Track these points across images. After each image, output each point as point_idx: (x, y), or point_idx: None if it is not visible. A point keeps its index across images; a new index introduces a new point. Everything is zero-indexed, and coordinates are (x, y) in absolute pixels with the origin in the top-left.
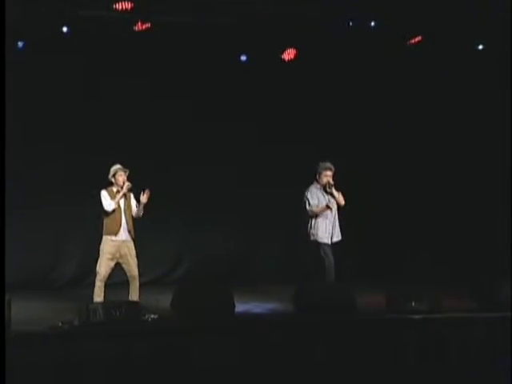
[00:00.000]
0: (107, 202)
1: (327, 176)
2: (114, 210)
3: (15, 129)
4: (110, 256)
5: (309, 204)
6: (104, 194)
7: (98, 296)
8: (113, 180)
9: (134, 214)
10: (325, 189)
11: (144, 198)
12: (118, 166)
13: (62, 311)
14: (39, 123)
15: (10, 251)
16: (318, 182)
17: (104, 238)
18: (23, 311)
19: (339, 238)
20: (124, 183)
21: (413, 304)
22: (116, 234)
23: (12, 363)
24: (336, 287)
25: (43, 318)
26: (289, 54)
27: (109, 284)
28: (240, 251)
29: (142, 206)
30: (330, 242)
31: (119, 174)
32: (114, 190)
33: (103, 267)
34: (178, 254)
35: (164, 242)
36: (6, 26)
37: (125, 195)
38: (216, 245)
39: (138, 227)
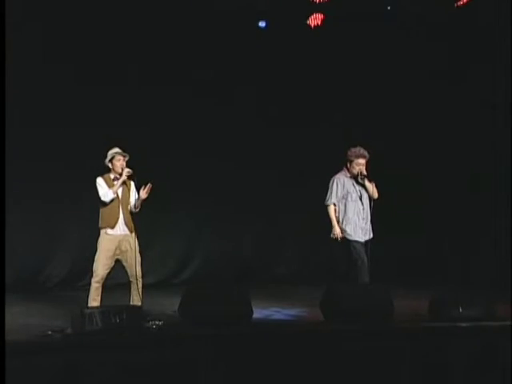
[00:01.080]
0: (104, 190)
1: (360, 165)
2: (111, 200)
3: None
4: (108, 253)
5: (330, 195)
6: (100, 181)
7: (95, 300)
8: (110, 165)
9: (130, 207)
10: (356, 179)
11: (144, 193)
12: (115, 150)
13: (52, 317)
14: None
15: None
16: (348, 170)
17: (101, 232)
18: (7, 317)
19: (371, 235)
20: (123, 170)
21: (460, 310)
22: (113, 227)
23: None
24: (370, 291)
25: (30, 325)
26: (315, 20)
27: (107, 286)
28: (258, 249)
29: (139, 201)
30: (362, 240)
31: (117, 159)
32: (112, 176)
33: (101, 265)
34: (187, 251)
35: (171, 239)
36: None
37: (124, 183)
38: (230, 242)
39: (141, 221)
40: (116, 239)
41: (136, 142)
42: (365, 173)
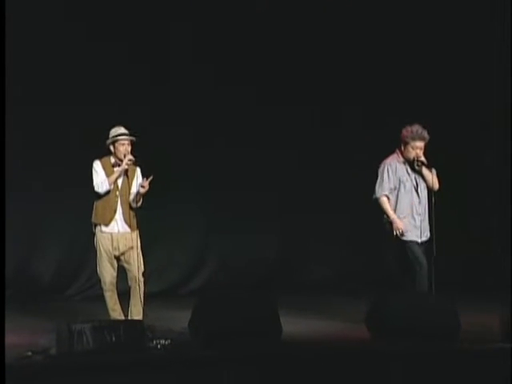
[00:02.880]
0: (99, 178)
1: (417, 148)
2: (107, 192)
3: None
4: (107, 254)
5: (381, 184)
6: (97, 166)
7: (114, 310)
8: (111, 148)
9: (131, 200)
10: (412, 165)
11: (143, 188)
12: (120, 130)
13: (33, 334)
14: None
15: None
16: (401, 153)
17: (96, 229)
18: None
19: (429, 235)
20: (125, 156)
21: None
22: (107, 223)
23: None
24: (430, 302)
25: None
26: None
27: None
28: (285, 252)
29: (139, 196)
30: (418, 240)
31: (120, 142)
32: (112, 161)
33: (104, 270)
34: (199, 254)
35: (179, 238)
36: None
37: (126, 172)
38: (251, 242)
39: (145, 220)
40: (112, 238)
41: (140, 123)
42: (423, 158)
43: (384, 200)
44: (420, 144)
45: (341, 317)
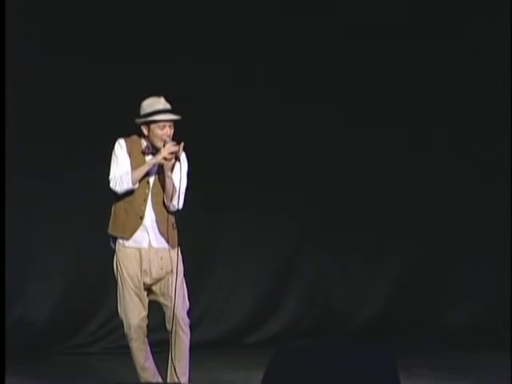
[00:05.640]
0: (120, 169)
1: None
2: (132, 190)
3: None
4: (132, 282)
5: None
6: (119, 150)
7: (145, 369)
8: (144, 130)
9: (169, 203)
10: None
11: (166, 160)
12: (160, 106)
13: None
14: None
15: None
16: None
17: (116, 244)
18: None
19: None
20: (165, 144)
21: None
22: (131, 234)
23: None
24: None
25: None
26: None
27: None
28: (409, 285)
29: (173, 188)
30: None
31: (160, 125)
32: (144, 145)
33: (129, 307)
34: (272, 287)
35: (244, 262)
36: None
37: (161, 166)
38: (356, 272)
39: (192, 231)
40: (141, 256)
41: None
42: None
43: None
44: None
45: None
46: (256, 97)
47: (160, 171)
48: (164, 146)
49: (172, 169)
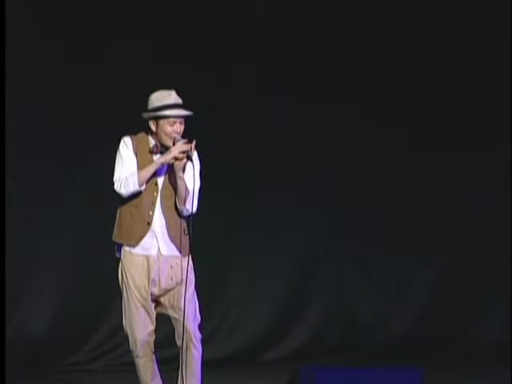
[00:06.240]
0: (125, 170)
1: None
2: (139, 192)
3: None
4: (139, 293)
5: None
6: (124, 149)
7: None
8: (152, 126)
9: (182, 207)
10: None
11: (178, 160)
12: (171, 100)
13: None
14: None
15: None
16: None
17: (122, 251)
18: None
19: None
20: (175, 142)
21: None
22: (137, 241)
23: None
24: None
25: None
26: None
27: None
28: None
29: (185, 191)
30: None
31: (170, 122)
32: (152, 143)
33: (135, 320)
34: (289, 300)
35: (259, 272)
36: None
37: (171, 166)
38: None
39: (205, 238)
40: (149, 265)
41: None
42: None
43: None
44: None
45: None
46: (276, 96)
47: (170, 172)
48: (174, 144)
49: (183, 169)
